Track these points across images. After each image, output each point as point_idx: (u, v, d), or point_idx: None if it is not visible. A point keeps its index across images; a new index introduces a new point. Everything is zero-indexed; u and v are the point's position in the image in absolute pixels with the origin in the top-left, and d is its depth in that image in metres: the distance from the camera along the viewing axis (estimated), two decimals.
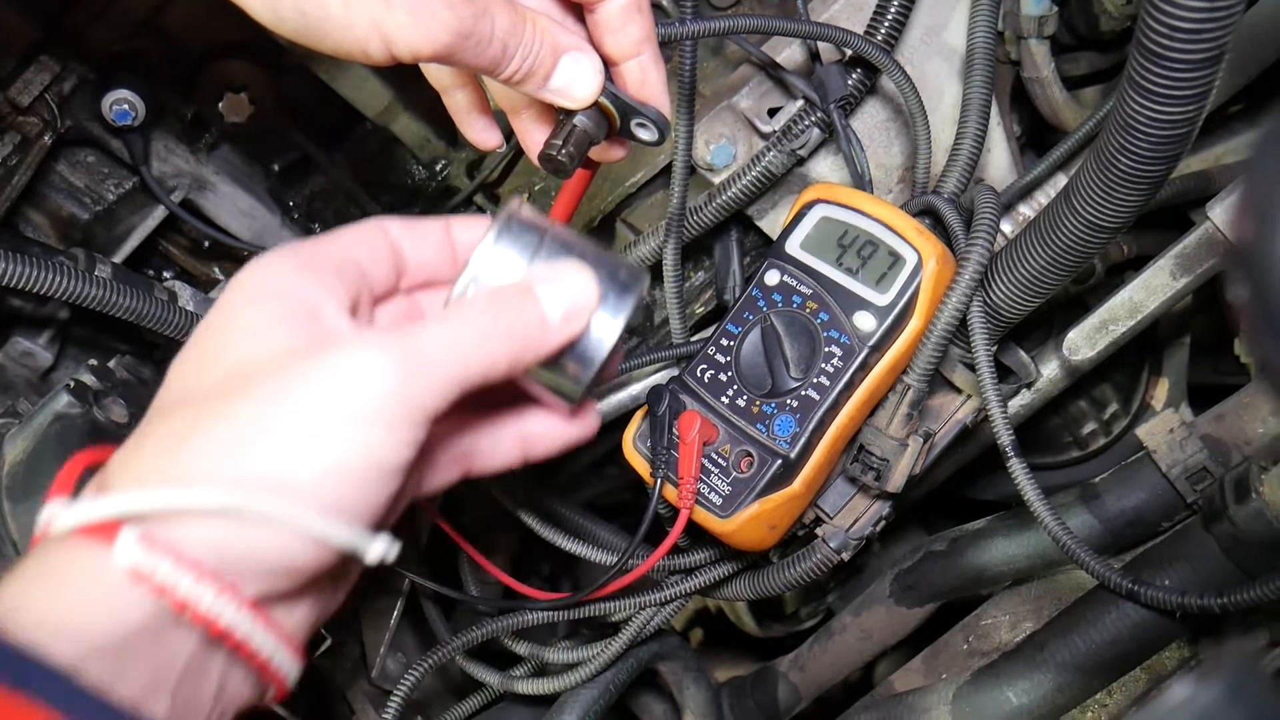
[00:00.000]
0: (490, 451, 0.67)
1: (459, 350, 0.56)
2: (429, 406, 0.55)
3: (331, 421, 0.52)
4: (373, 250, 0.62)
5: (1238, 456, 0.86)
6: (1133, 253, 1.06)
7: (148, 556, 0.50)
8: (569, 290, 0.61)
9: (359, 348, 0.54)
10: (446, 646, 0.96)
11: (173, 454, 0.53)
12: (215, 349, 0.56)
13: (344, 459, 0.53)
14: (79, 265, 0.96)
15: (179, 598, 0.51)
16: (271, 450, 0.52)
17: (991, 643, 0.95)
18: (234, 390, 0.53)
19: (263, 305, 0.56)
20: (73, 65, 1.03)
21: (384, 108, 1.12)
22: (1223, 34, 0.57)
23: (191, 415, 0.54)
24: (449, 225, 0.66)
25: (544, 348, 0.60)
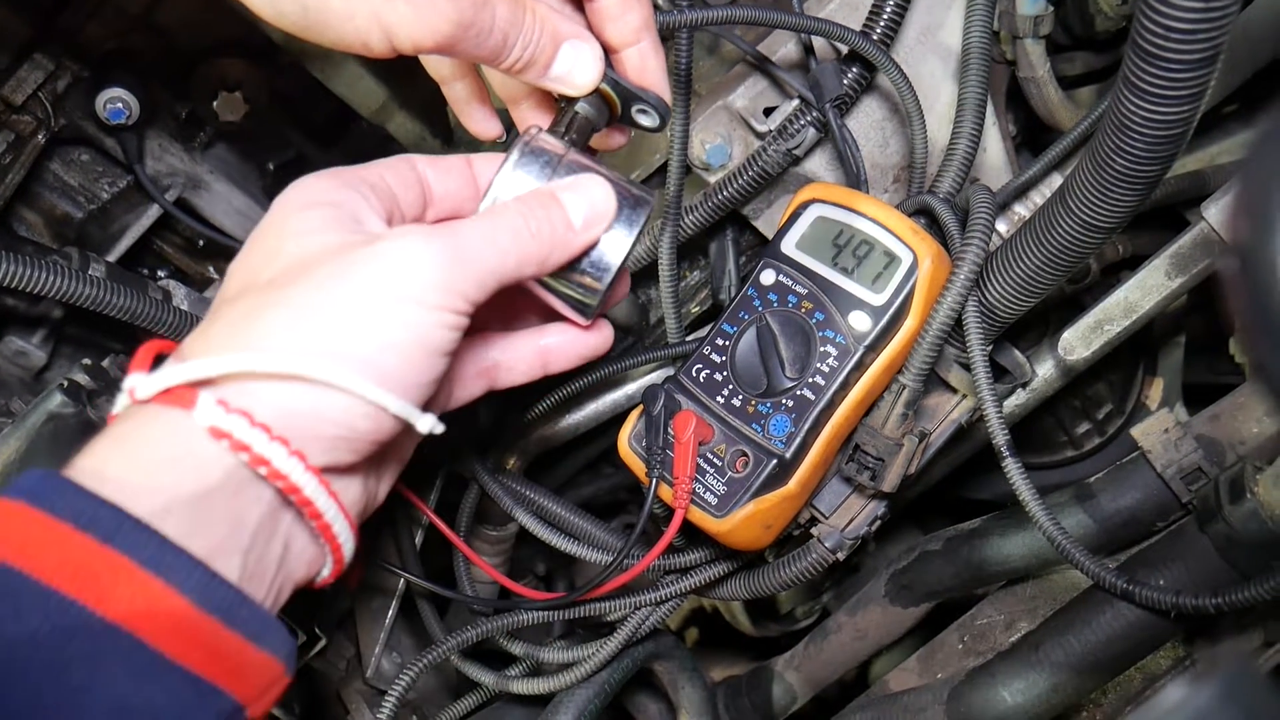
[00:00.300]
0: (513, 364, 0.72)
1: (496, 244, 0.62)
2: (470, 294, 0.60)
3: (384, 302, 0.57)
4: (402, 177, 0.67)
5: (1232, 456, 0.86)
6: (1128, 252, 1.06)
7: (225, 417, 0.55)
8: (589, 197, 0.66)
9: (407, 237, 0.59)
10: (441, 646, 0.96)
11: (242, 330, 0.57)
12: (271, 247, 0.61)
13: (396, 336, 0.58)
14: (73, 264, 0.96)
15: (255, 454, 0.55)
16: (331, 326, 0.57)
17: (987, 642, 0.95)
18: (294, 277, 0.58)
19: (312, 210, 0.61)
20: (66, 63, 1.03)
21: (379, 106, 1.12)
22: (1218, 34, 0.57)
23: (255, 300, 0.58)
24: (471, 160, 0.71)
25: (570, 249, 0.66)
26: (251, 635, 0.55)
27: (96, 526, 0.51)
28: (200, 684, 0.52)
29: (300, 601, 0.93)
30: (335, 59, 1.09)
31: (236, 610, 0.54)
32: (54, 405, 0.86)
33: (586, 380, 0.98)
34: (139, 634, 0.51)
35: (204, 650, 0.53)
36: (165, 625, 0.51)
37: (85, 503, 0.51)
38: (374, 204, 0.63)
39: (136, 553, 0.51)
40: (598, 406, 1.04)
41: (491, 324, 0.71)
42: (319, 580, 0.64)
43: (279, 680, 0.57)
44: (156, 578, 0.51)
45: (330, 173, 0.64)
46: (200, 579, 0.53)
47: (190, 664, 0.52)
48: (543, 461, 1.08)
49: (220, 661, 0.53)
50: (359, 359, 0.57)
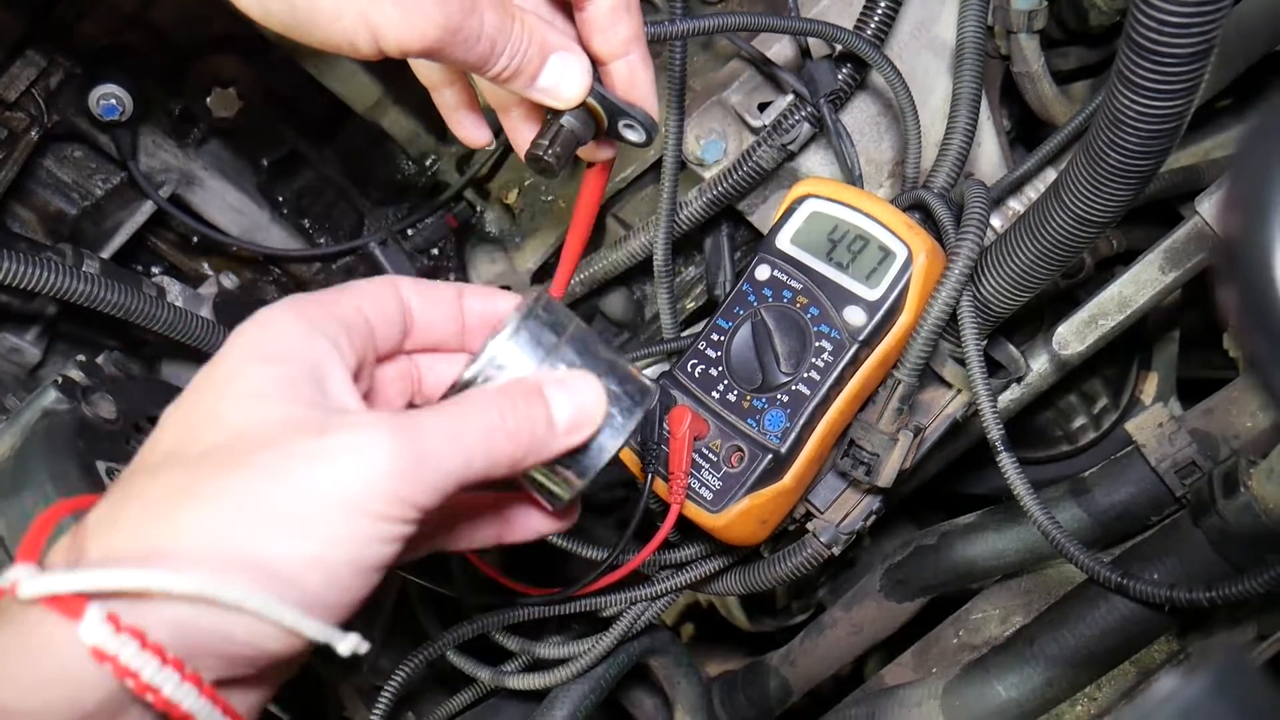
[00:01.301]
0: (465, 532, 0.66)
1: (462, 445, 0.55)
2: (423, 503, 0.54)
3: (323, 512, 0.51)
4: (383, 309, 0.61)
5: (1226, 450, 0.86)
6: (1122, 247, 1.06)
7: (113, 638, 0.49)
8: (579, 401, 0.60)
9: (361, 433, 0.53)
10: (437, 642, 0.96)
11: (157, 522, 0.51)
12: (214, 407, 0.55)
13: (328, 554, 0.52)
14: (66, 261, 0.96)
15: (142, 682, 0.49)
16: (258, 534, 0.51)
17: (981, 637, 0.95)
18: (227, 461, 0.52)
19: (266, 367, 0.55)
20: (59, 60, 1.02)
21: (373, 103, 1.12)
22: (1211, 29, 0.57)
23: (180, 480, 0.52)
24: (461, 292, 0.65)
25: (547, 453, 0.59)
26: None
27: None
28: None
29: None
30: (329, 55, 1.08)
31: None
32: (48, 402, 0.86)
33: None
34: None
35: None
36: None
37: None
38: (344, 352, 0.57)
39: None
40: None
41: None
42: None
43: None
44: None
45: (300, 306, 0.57)
46: None
47: None
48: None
49: None
50: (280, 578, 0.51)
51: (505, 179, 1.14)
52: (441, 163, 1.17)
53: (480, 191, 1.16)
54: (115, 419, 0.89)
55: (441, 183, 1.17)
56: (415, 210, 1.16)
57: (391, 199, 1.18)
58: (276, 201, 1.17)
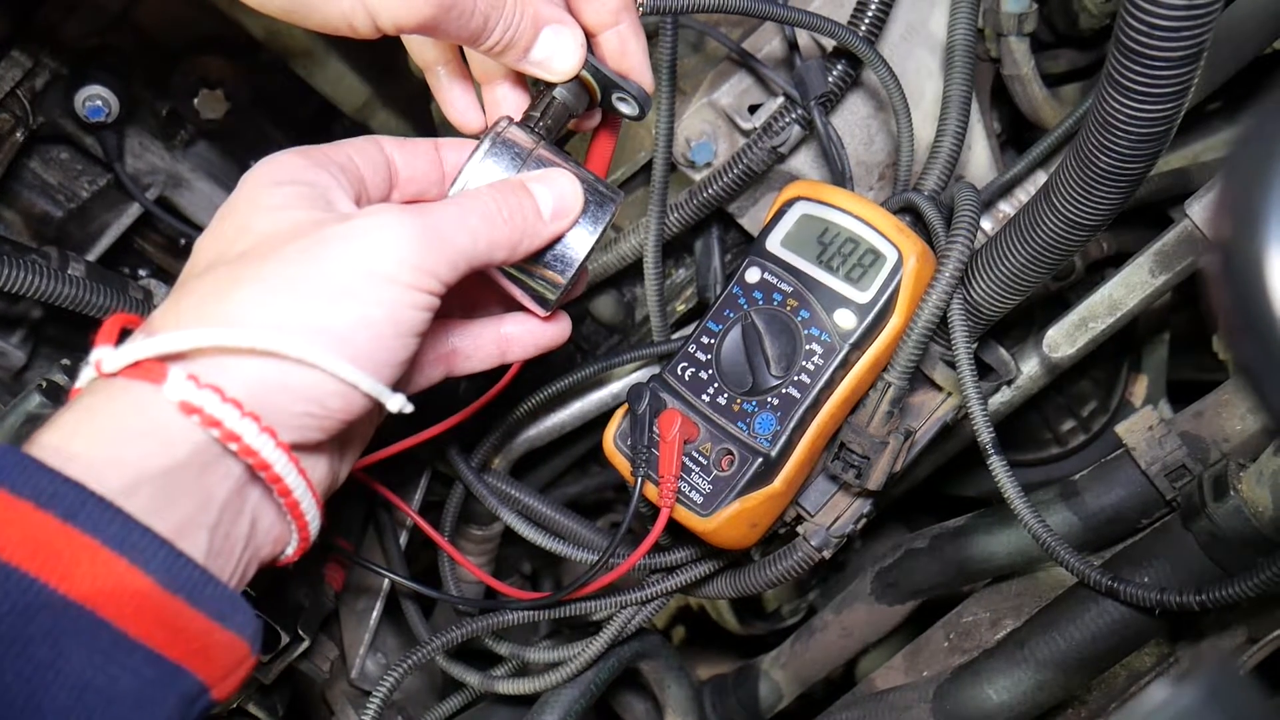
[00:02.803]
0: (471, 351, 0.73)
1: (468, 227, 0.62)
2: (442, 275, 0.60)
3: (358, 279, 0.57)
4: (370, 158, 0.67)
5: (1216, 454, 0.86)
6: (1112, 250, 1.06)
7: (196, 392, 0.54)
8: (558, 189, 0.67)
9: (381, 215, 0.59)
10: (426, 647, 0.95)
11: (212, 305, 0.56)
12: (241, 223, 0.60)
13: (369, 314, 0.58)
14: (51, 263, 0.95)
15: (226, 429, 0.54)
16: (304, 303, 0.56)
17: (972, 640, 0.95)
18: (266, 252, 0.58)
19: (283, 187, 0.61)
20: (45, 61, 1.01)
21: (362, 103, 1.12)
22: (1201, 32, 0.57)
23: (226, 274, 0.58)
24: (438, 145, 0.72)
25: (538, 238, 0.66)
26: (217, 615, 0.54)
27: (58, 504, 0.50)
28: (164, 663, 0.52)
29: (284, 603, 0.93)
30: (318, 56, 1.08)
31: (201, 590, 0.53)
32: (32, 406, 0.85)
33: (571, 379, 0.98)
34: (101, 613, 0.50)
35: (168, 630, 0.52)
36: (128, 605, 0.51)
37: (47, 480, 0.50)
38: (343, 184, 0.63)
39: (99, 531, 0.50)
40: (583, 405, 1.04)
41: (452, 311, 0.71)
42: (283, 558, 0.63)
43: (245, 661, 0.56)
44: (120, 556, 0.50)
45: (299, 151, 0.64)
46: (165, 558, 0.52)
47: (154, 643, 0.52)
48: (528, 460, 1.07)
49: (185, 641, 0.53)
50: (332, 336, 0.57)
51: None
52: None
53: None
54: None
55: None
56: None
57: None
58: None
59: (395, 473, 0.88)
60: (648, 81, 0.71)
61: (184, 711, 0.53)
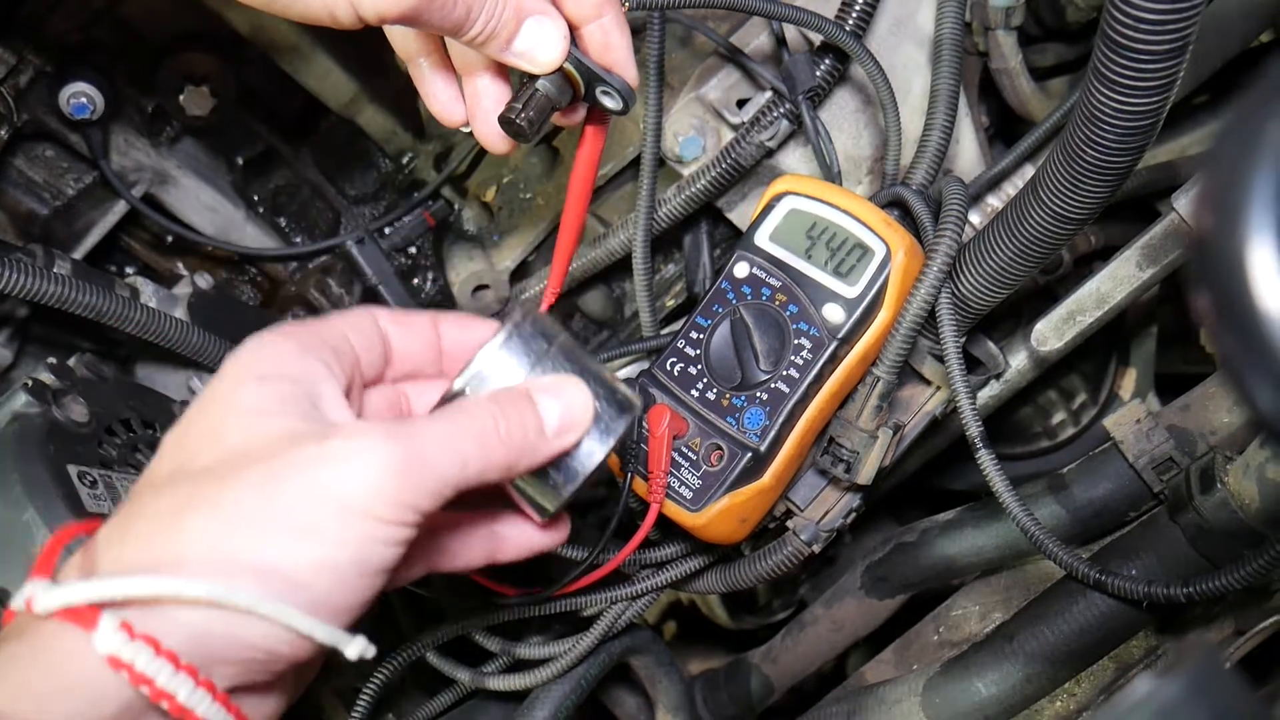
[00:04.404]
0: (459, 551, 0.67)
1: (458, 450, 0.56)
2: (423, 506, 0.55)
3: (326, 515, 0.52)
4: (364, 336, 0.63)
5: (1203, 446, 0.87)
6: (1100, 243, 1.07)
7: (127, 645, 0.50)
8: (567, 403, 0.62)
9: (359, 439, 0.54)
10: (417, 643, 0.95)
11: (165, 532, 0.53)
12: (213, 426, 0.56)
13: (333, 555, 0.53)
14: (37, 261, 0.94)
15: (157, 688, 0.50)
16: (265, 539, 0.52)
17: (961, 633, 0.95)
18: (231, 472, 0.53)
19: (264, 385, 0.56)
20: (29, 57, 1.00)
21: (349, 100, 1.11)
22: (1187, 25, 0.57)
23: (186, 493, 0.54)
24: (437, 320, 0.67)
25: (538, 457, 0.61)
26: None
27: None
28: None
29: None
30: (304, 51, 1.07)
31: None
32: (18, 405, 0.85)
33: None
34: None
35: None
36: None
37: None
38: (335, 373, 0.59)
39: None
40: None
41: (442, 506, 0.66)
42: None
43: None
44: None
45: (290, 333, 0.59)
46: None
47: None
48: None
49: None
50: (289, 581, 0.52)
51: (483, 176, 1.13)
52: (418, 160, 1.16)
53: (458, 189, 1.16)
54: (87, 422, 0.88)
55: (419, 180, 1.16)
56: (392, 208, 1.15)
57: (368, 197, 1.17)
58: (252, 200, 1.16)
59: None
60: (632, 75, 0.70)
61: None
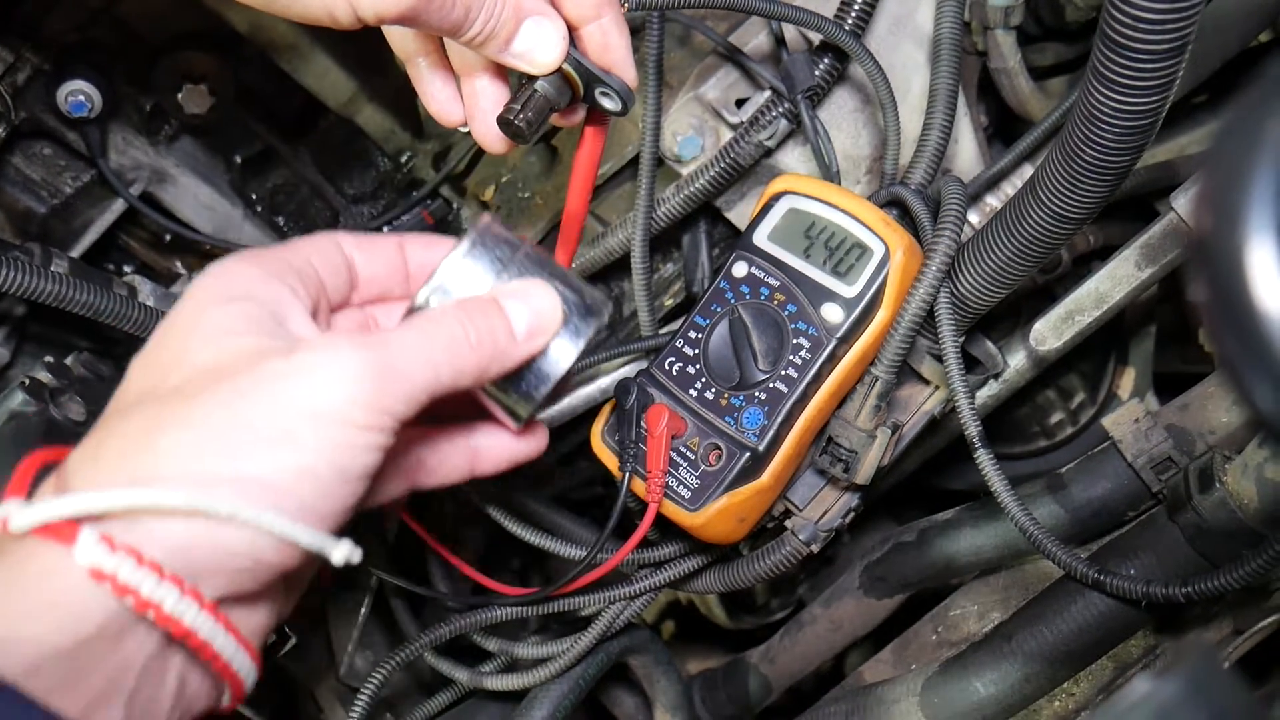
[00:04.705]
0: (438, 465, 0.67)
1: (429, 357, 0.57)
2: (398, 412, 0.55)
3: (301, 423, 0.52)
4: (329, 260, 0.63)
5: (1202, 446, 0.87)
6: (1098, 243, 1.07)
7: (109, 556, 0.49)
8: (535, 307, 0.62)
9: (330, 350, 0.54)
10: (415, 643, 0.95)
11: (137, 452, 0.52)
12: (180, 348, 0.55)
13: (311, 462, 0.52)
14: (35, 260, 0.94)
15: (142, 598, 0.50)
16: (240, 450, 0.51)
17: (960, 633, 0.95)
18: (202, 388, 0.53)
19: (229, 306, 0.56)
20: (27, 55, 1.00)
21: (348, 99, 1.11)
22: (1186, 25, 0.57)
23: (156, 413, 0.53)
24: (402, 243, 0.67)
25: (509, 361, 0.61)
26: None
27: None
28: None
29: None
30: (303, 50, 1.07)
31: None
32: (15, 404, 0.85)
33: None
34: None
35: None
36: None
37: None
38: (300, 295, 0.59)
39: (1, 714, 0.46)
40: (571, 400, 1.04)
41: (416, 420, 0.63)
42: (222, 707, 0.59)
43: None
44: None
45: (254, 257, 0.59)
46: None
47: None
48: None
49: None
50: (268, 488, 0.52)
51: (482, 175, 1.13)
52: (417, 159, 1.16)
53: (456, 188, 1.16)
54: (84, 421, 0.88)
55: (417, 179, 1.16)
56: (391, 208, 1.15)
57: (366, 196, 1.17)
58: (250, 199, 1.15)
59: None
60: (631, 76, 0.70)
61: None
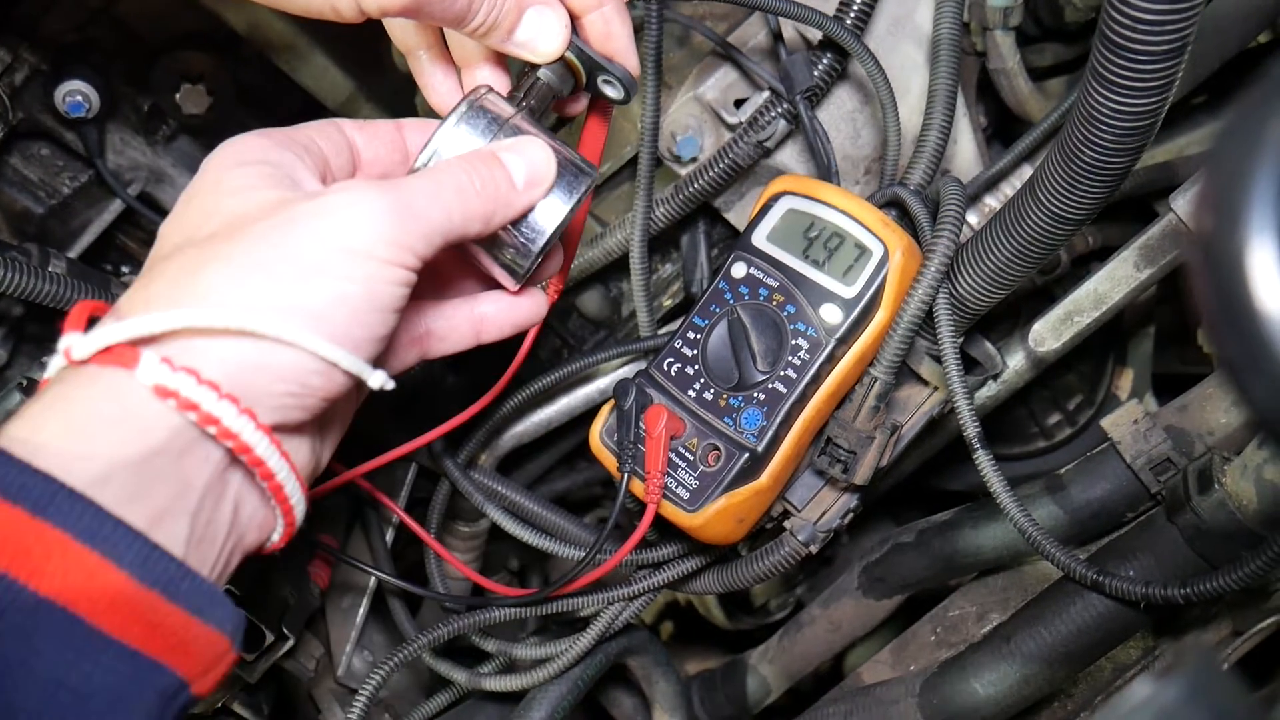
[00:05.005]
0: (446, 333, 0.71)
1: (442, 200, 0.61)
2: (419, 250, 0.59)
3: (333, 256, 0.56)
4: (332, 142, 0.66)
5: (1201, 447, 0.87)
6: (1097, 244, 1.07)
7: (171, 375, 0.52)
8: (530, 158, 0.66)
9: (353, 191, 0.58)
10: (413, 644, 0.95)
11: (184, 286, 0.55)
12: (207, 205, 0.59)
13: (347, 291, 0.56)
14: (32, 260, 0.94)
15: (204, 413, 0.53)
16: (279, 281, 0.55)
17: (959, 634, 0.95)
18: (236, 232, 0.56)
19: (248, 168, 0.59)
20: (24, 55, 1.00)
21: (346, 98, 1.11)
22: (1185, 26, 0.57)
23: (196, 255, 0.56)
24: (401, 125, 0.70)
25: (513, 209, 0.65)
26: (195, 609, 0.53)
27: (26, 498, 0.49)
28: (140, 660, 0.51)
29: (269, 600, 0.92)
30: (301, 50, 1.07)
31: (178, 583, 0.52)
32: (13, 404, 0.85)
33: (558, 375, 0.98)
34: (74, 609, 0.49)
35: (144, 625, 0.51)
36: (102, 600, 0.49)
37: (15, 473, 0.49)
38: (308, 163, 0.62)
39: (71, 525, 0.49)
40: (569, 401, 1.04)
41: (425, 292, 0.70)
42: (269, 545, 0.62)
43: (225, 655, 0.55)
44: (92, 551, 0.49)
45: (261, 133, 0.62)
46: (139, 551, 0.51)
47: (129, 639, 0.50)
48: (515, 457, 1.07)
49: (161, 637, 0.51)
50: (309, 314, 0.55)
51: None
52: None
53: None
54: None
55: None
56: None
57: None
58: None
59: (381, 470, 0.87)
60: (633, 64, 0.70)
61: (163, 708, 0.52)
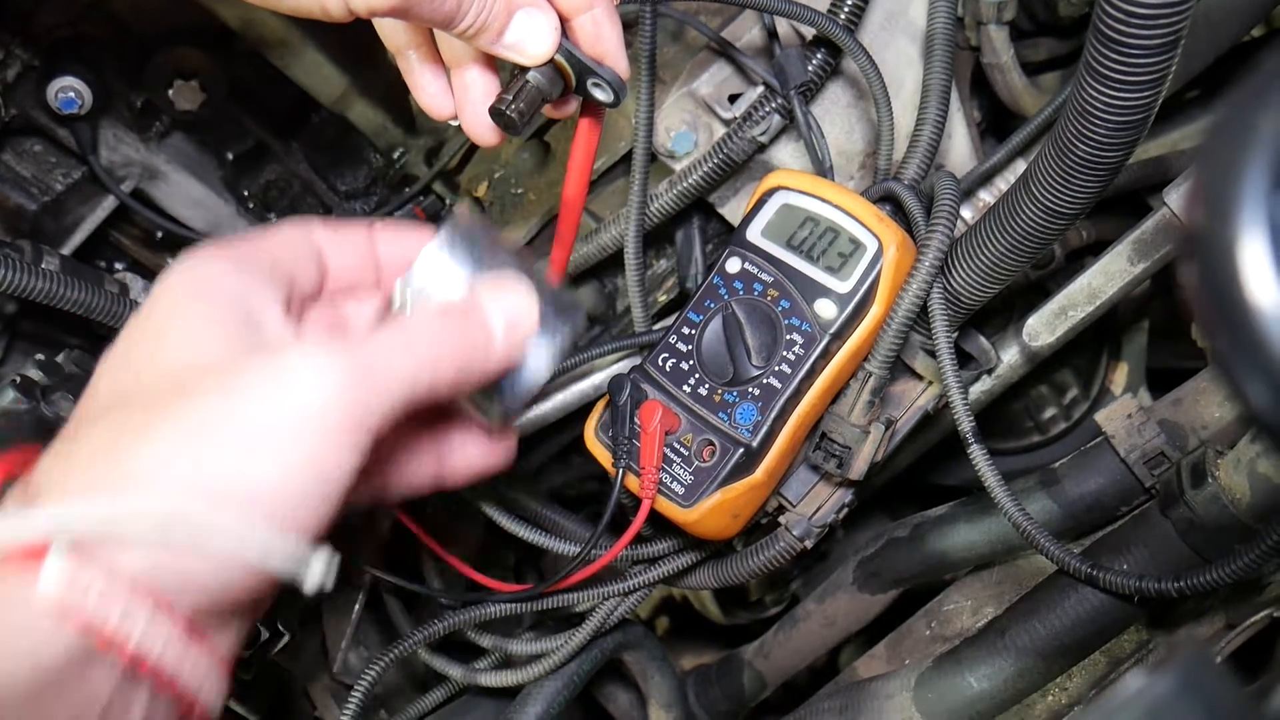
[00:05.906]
0: (408, 475, 0.65)
1: (407, 365, 0.55)
2: (374, 425, 0.53)
3: (279, 430, 0.50)
4: (299, 252, 0.62)
5: (1194, 441, 0.87)
6: (1091, 238, 1.07)
7: (78, 577, 0.47)
8: (510, 307, 0.61)
9: (307, 355, 0.52)
10: (409, 640, 0.95)
11: (110, 458, 0.49)
12: (150, 350, 0.54)
13: (291, 470, 0.51)
14: (25, 257, 0.94)
15: (107, 633, 0.47)
16: (218, 458, 0.49)
17: (954, 628, 0.95)
18: (176, 394, 0.51)
19: (200, 305, 0.54)
20: (16, 52, 1.00)
21: (340, 94, 1.10)
22: (1179, 20, 0.57)
23: (126, 419, 0.51)
24: (373, 230, 0.66)
25: (488, 368, 0.60)
26: None
27: None
28: None
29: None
30: (294, 46, 1.07)
31: None
32: (7, 402, 0.84)
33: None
34: None
35: None
36: None
37: None
38: (271, 291, 0.57)
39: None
40: (564, 397, 1.04)
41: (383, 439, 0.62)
42: None
43: None
44: None
45: (223, 250, 0.57)
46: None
47: None
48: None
49: None
50: (248, 497, 0.50)
51: (474, 172, 1.13)
52: (409, 155, 1.16)
53: (449, 184, 1.15)
54: None
55: (410, 175, 1.16)
56: (384, 204, 1.15)
57: (359, 192, 1.17)
58: (242, 195, 1.15)
59: None
60: (623, 67, 0.70)
61: None
